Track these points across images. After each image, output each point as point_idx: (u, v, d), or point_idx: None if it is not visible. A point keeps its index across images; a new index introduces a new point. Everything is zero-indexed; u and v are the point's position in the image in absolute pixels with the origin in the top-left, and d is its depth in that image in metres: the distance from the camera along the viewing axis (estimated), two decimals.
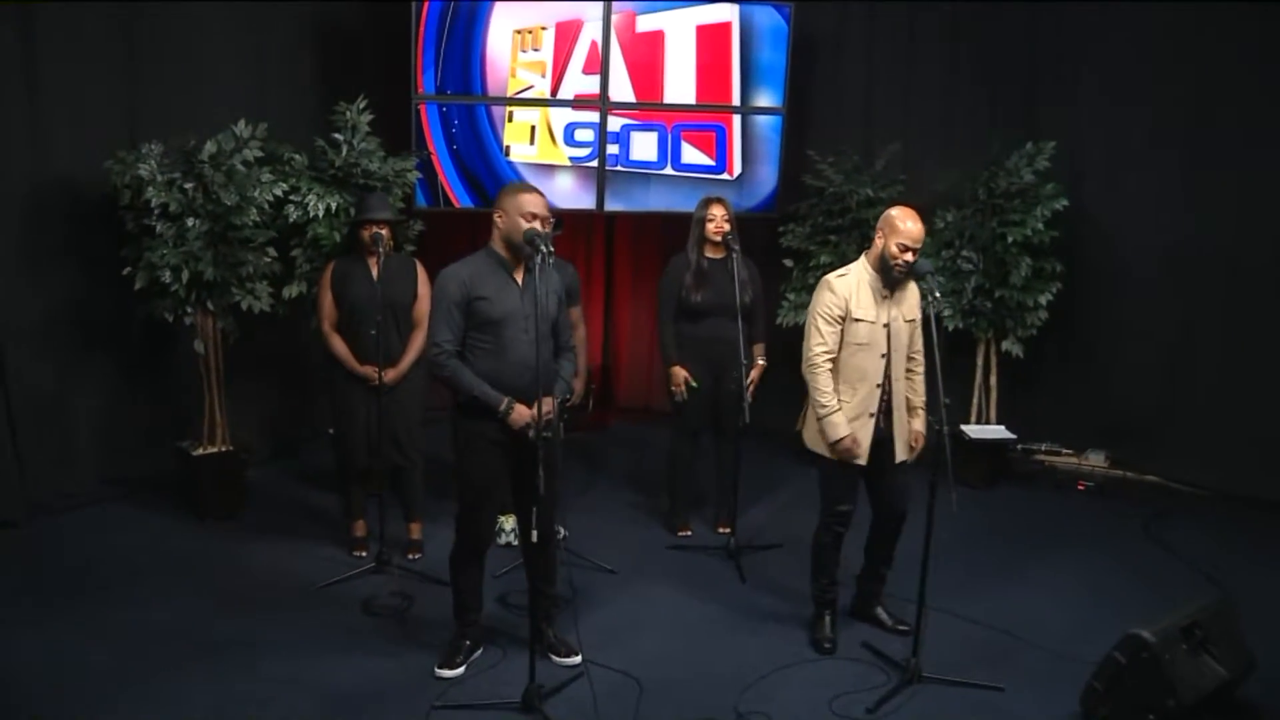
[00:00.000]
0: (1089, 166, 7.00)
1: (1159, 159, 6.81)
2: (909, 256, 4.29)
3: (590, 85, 6.90)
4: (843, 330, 4.40)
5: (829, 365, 4.40)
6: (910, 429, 4.56)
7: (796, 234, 7.07)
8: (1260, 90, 6.43)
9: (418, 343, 5.25)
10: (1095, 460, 7.18)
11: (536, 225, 3.95)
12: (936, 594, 4.52)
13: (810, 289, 6.79)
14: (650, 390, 8.32)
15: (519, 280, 4.05)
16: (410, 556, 5.39)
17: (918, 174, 7.05)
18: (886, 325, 4.39)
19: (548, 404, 3.93)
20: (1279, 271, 6.50)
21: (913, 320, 4.49)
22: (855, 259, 6.66)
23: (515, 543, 5.49)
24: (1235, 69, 6.50)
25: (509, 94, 6.85)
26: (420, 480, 5.46)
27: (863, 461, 4.45)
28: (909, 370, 4.57)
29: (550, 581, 4.41)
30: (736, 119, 7.10)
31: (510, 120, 6.87)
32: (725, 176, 7.12)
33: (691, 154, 7.09)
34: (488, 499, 4.18)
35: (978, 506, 6.23)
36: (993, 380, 6.94)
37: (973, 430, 6.81)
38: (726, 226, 5.53)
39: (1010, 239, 6.58)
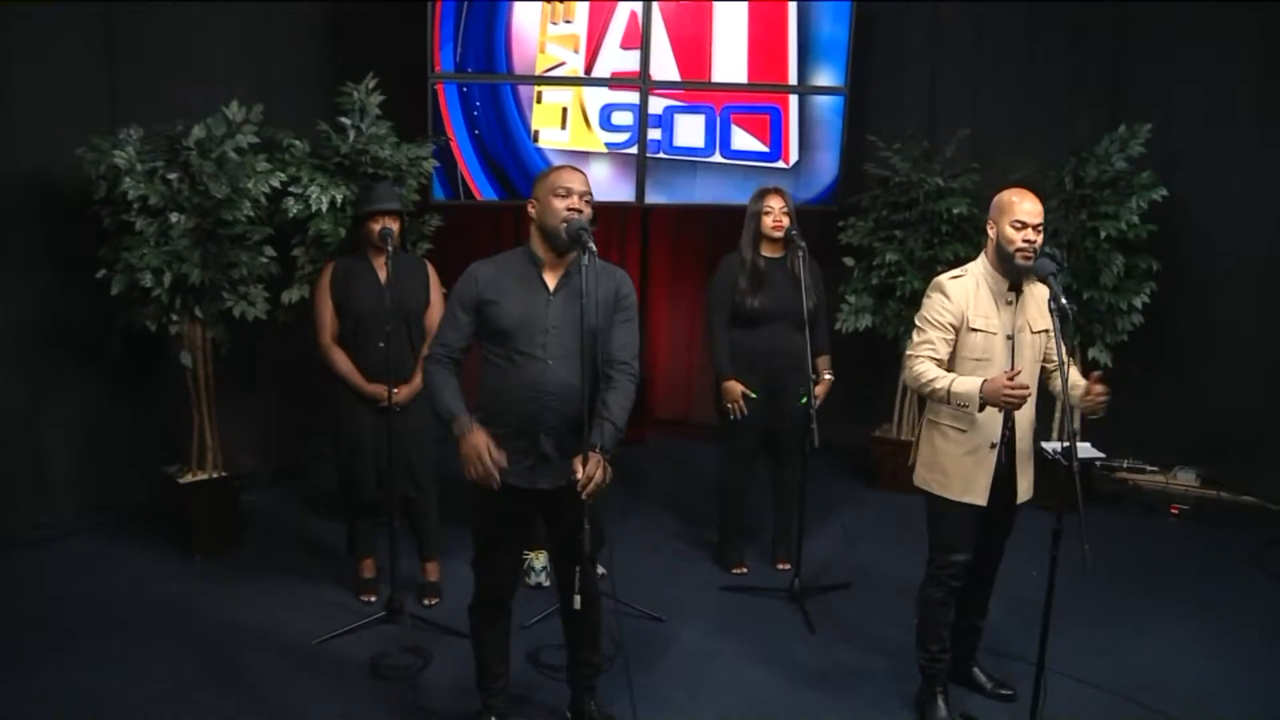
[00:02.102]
0: (1184, 155, 6.37)
1: (1265, 149, 6.25)
2: (1030, 235, 3.64)
3: (629, 62, 6.32)
4: (956, 342, 3.73)
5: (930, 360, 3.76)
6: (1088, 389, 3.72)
7: (858, 229, 6.45)
8: None
9: None
10: (1185, 479, 6.67)
11: (574, 203, 3.26)
12: (1036, 647, 3.89)
13: (873, 290, 6.30)
14: (690, 402, 7.80)
15: (550, 284, 3.34)
16: (426, 602, 4.77)
17: (989, 162, 6.42)
18: (1010, 337, 3.70)
19: (591, 463, 3.18)
20: None
21: (1043, 331, 3.80)
22: (923, 255, 6.25)
23: (547, 583, 4.90)
24: None
25: (537, 72, 6.28)
26: (435, 513, 4.84)
27: (982, 501, 3.78)
28: (1048, 376, 3.89)
29: (594, 648, 3.72)
30: (793, 100, 6.52)
31: (539, 102, 6.29)
32: (780, 165, 6.54)
33: (743, 139, 6.50)
34: (502, 544, 3.54)
35: (1068, 536, 5.57)
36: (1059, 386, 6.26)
37: (1055, 447, 6.13)
38: (786, 220, 4.96)
39: (1103, 234, 5.88)
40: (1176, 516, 6.26)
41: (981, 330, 3.70)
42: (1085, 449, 6.24)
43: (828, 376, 5.05)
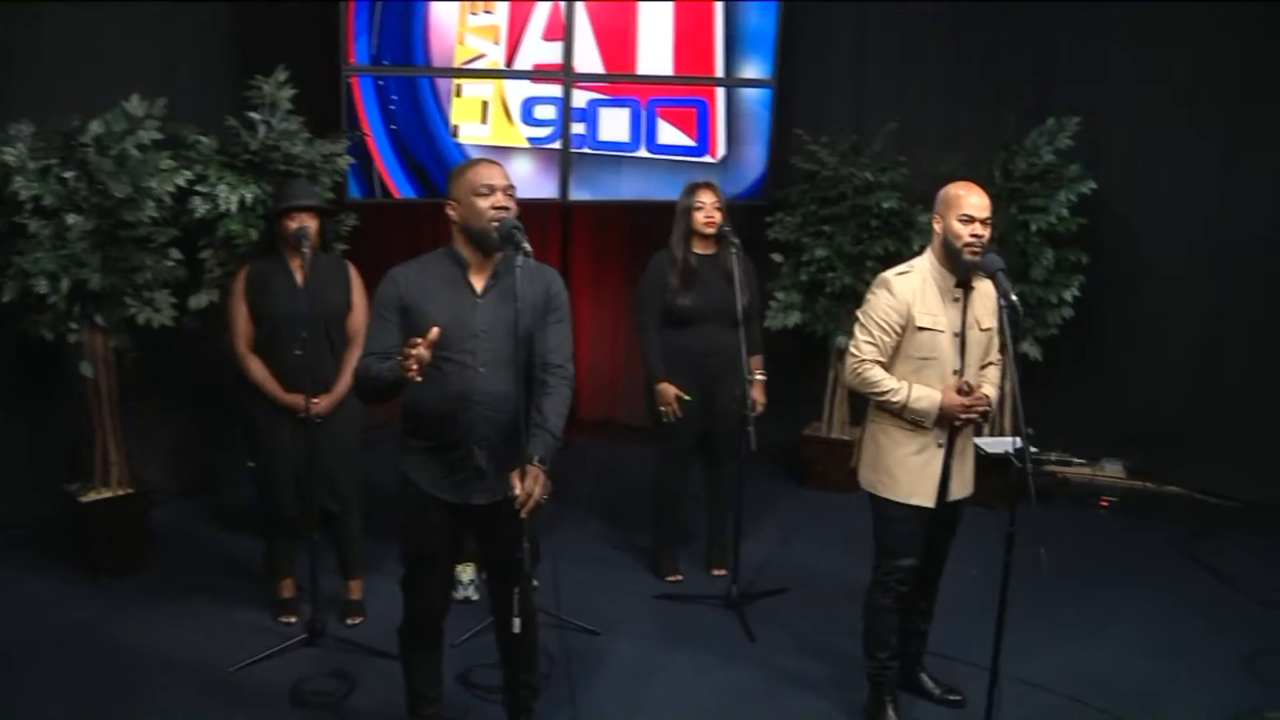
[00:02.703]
0: (1111, 149, 6.36)
1: (1192, 142, 6.28)
2: (977, 230, 3.54)
3: (552, 54, 6.10)
4: (901, 341, 3.63)
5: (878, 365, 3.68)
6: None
7: (786, 224, 6.34)
8: None
9: (353, 362, 4.34)
10: (1112, 471, 6.68)
11: (499, 200, 3.08)
12: (982, 648, 3.86)
13: (802, 287, 6.19)
14: (615, 402, 7.61)
15: (477, 286, 3.15)
16: (350, 622, 4.54)
17: (917, 155, 6.35)
18: (959, 335, 3.61)
19: (529, 478, 3.01)
20: None
21: (990, 329, 3.71)
22: (853, 250, 6.17)
23: (475, 597, 4.70)
24: (1277, 46, 5.98)
25: (456, 64, 6.02)
26: (359, 528, 4.60)
27: (930, 503, 3.69)
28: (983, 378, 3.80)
29: (532, 670, 3.54)
30: (720, 93, 6.36)
31: (458, 95, 6.04)
32: (707, 159, 6.39)
33: (669, 133, 6.34)
34: (433, 563, 3.34)
35: (1000, 530, 5.55)
36: (1008, 386, 6.21)
37: (986, 443, 6.12)
38: (718, 216, 4.82)
39: (1033, 227, 5.87)
40: (1106, 509, 6.28)
41: (929, 329, 3.60)
42: (1015, 442, 6.21)
43: (760, 377, 4.92)
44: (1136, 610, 4.87)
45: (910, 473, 3.67)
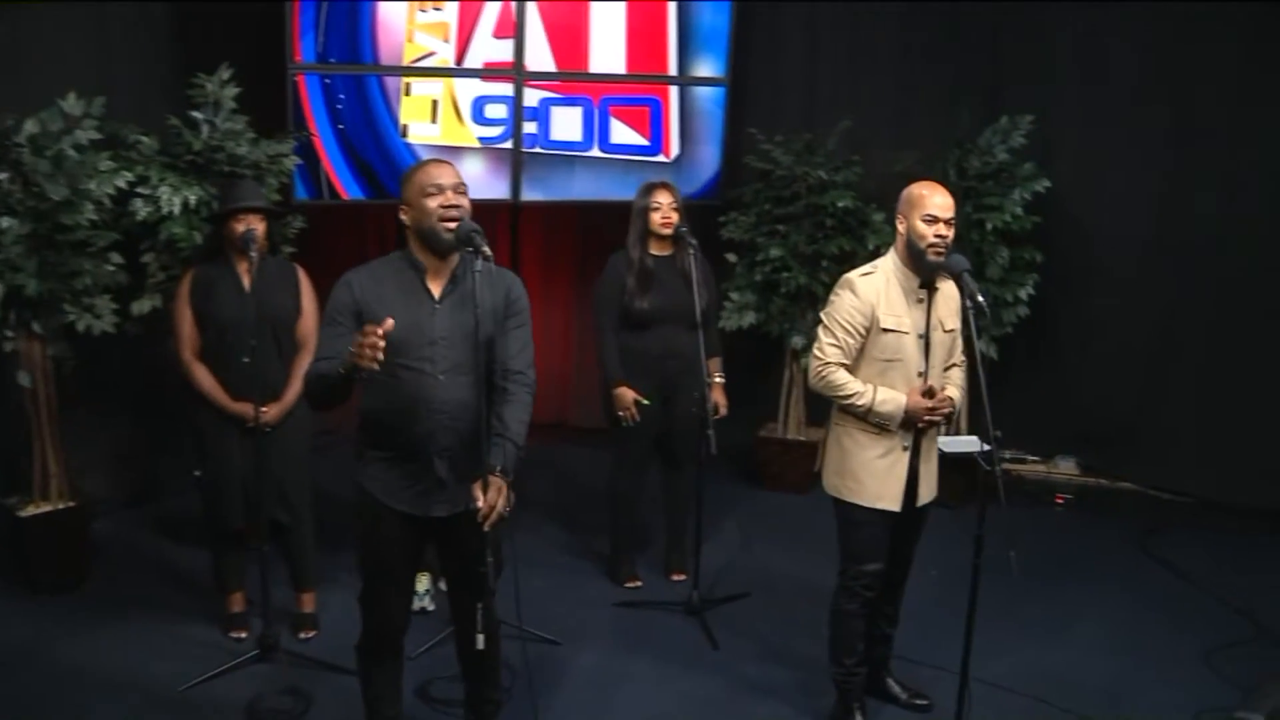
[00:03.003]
0: (1063, 147, 6.37)
1: (1143, 141, 6.30)
2: (941, 230, 3.50)
3: (503, 52, 5.98)
4: (865, 343, 3.59)
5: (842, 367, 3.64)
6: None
7: (740, 224, 6.29)
8: (1253, 71, 5.99)
9: (304, 369, 4.23)
10: (1066, 468, 6.74)
11: (448, 199, 2.98)
12: (946, 651, 3.93)
13: (756, 287, 6.14)
14: (566, 404, 7.50)
15: (434, 291, 3.05)
16: (303, 636, 4.41)
17: (871, 154, 6.33)
18: (924, 336, 3.57)
19: (492, 489, 2.92)
20: (1268, 268, 6.11)
21: (954, 330, 3.69)
22: (808, 250, 6.13)
23: (431, 607, 4.61)
24: (1226, 46, 6.03)
25: (405, 62, 5.88)
26: (311, 539, 4.47)
27: (896, 507, 3.65)
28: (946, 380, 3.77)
29: (495, 685, 3.45)
30: (673, 91, 6.29)
31: (407, 94, 5.90)
32: (661, 158, 6.32)
33: (622, 132, 6.25)
34: (393, 578, 3.24)
35: (961, 530, 5.55)
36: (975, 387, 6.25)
37: (946, 443, 6.11)
38: (675, 216, 4.74)
39: (988, 226, 5.86)
40: (1061, 506, 6.31)
41: (893, 330, 3.57)
42: (973, 441, 6.20)
43: (719, 379, 4.87)
44: (1098, 608, 4.88)
45: (876, 476, 3.64)
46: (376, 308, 2.98)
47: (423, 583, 4.61)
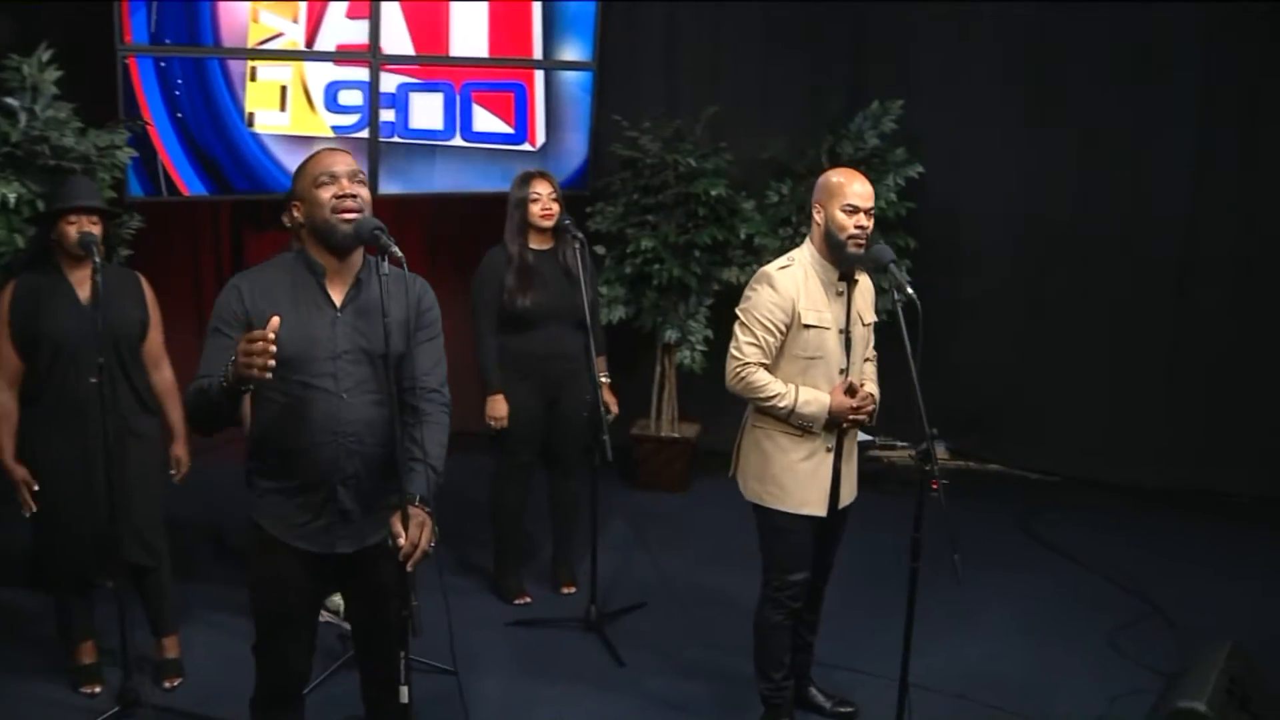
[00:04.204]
0: (931, 133, 6.35)
1: (1008, 127, 6.39)
2: (862, 220, 3.37)
3: (357, 34, 5.57)
4: (785, 341, 3.42)
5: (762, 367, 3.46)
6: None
7: (608, 215, 6.11)
8: (1113, 56, 6.15)
9: (167, 387, 3.89)
10: (936, 452, 6.59)
11: (343, 187, 2.63)
12: (861, 653, 4.08)
13: (627, 280, 5.95)
14: None
15: (335, 298, 2.70)
16: (167, 685, 3.95)
17: (736, 141, 6.24)
18: (844, 331, 3.42)
19: (414, 523, 2.57)
20: (1128, 251, 6.30)
21: (871, 324, 3.62)
22: (679, 240, 5.95)
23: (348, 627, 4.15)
24: (1087, 26, 6.15)
25: (250, 44, 5.42)
26: (169, 579, 4.00)
27: (822, 511, 3.50)
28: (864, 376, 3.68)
29: None
30: (539, 76, 6.01)
31: (253, 79, 5.43)
32: (527, 147, 6.04)
33: (485, 120, 5.94)
34: (292, 625, 2.86)
35: (860, 525, 5.57)
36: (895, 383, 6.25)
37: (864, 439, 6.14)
38: (556, 208, 4.53)
39: None
40: (937, 492, 6.28)
41: (815, 326, 3.42)
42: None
43: (605, 379, 4.66)
44: (997, 597, 4.87)
45: (800, 480, 3.47)
46: (271, 312, 2.60)
47: (334, 600, 4.14)
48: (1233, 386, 6.23)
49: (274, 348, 2.30)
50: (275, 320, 2.38)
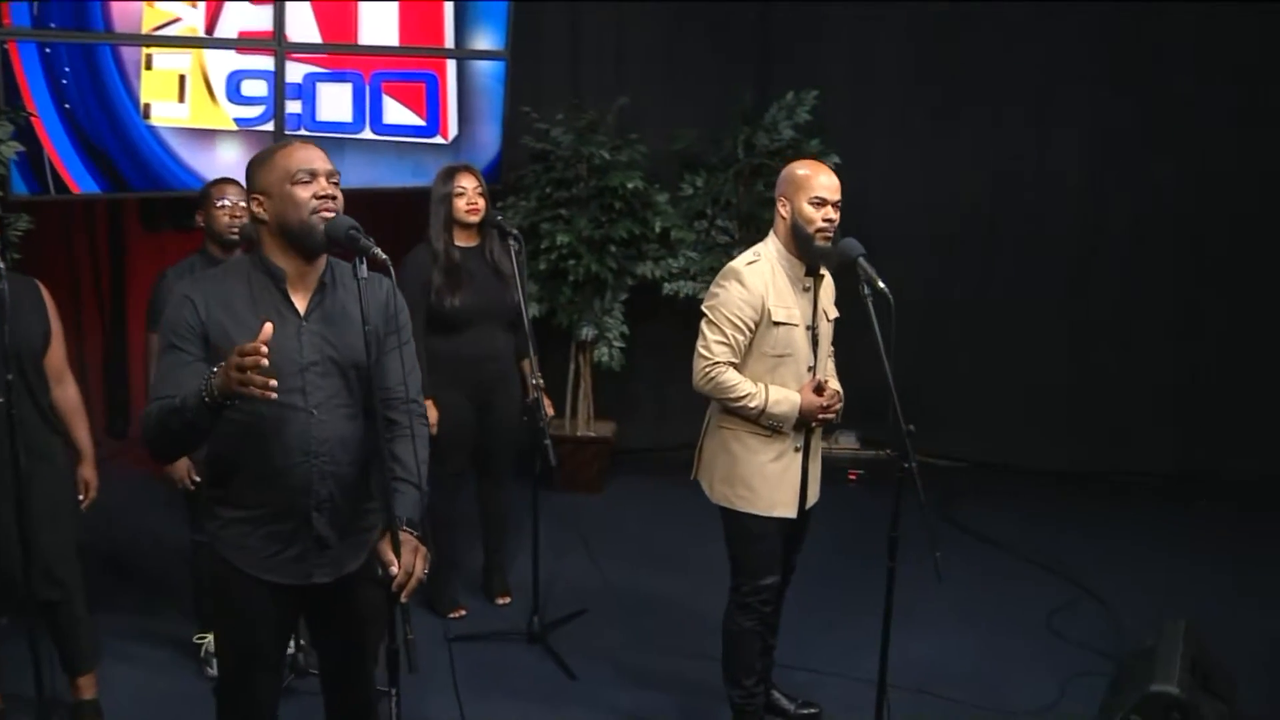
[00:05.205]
0: (833, 120, 6.33)
1: (915, 116, 6.48)
2: (830, 214, 3.34)
3: (261, 20, 5.24)
4: (753, 338, 3.35)
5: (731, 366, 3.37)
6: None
7: (521, 209, 5.95)
8: (1009, 39, 6.30)
9: (72, 405, 3.55)
10: (847, 442, 6.83)
11: (323, 188, 2.43)
12: (817, 652, 4.09)
13: (540, 276, 5.86)
14: None
15: (299, 305, 2.47)
16: None
17: (647, 134, 6.10)
18: (811, 328, 3.34)
19: (406, 549, 2.41)
20: (1032, 238, 6.46)
21: (834, 319, 3.58)
22: (594, 234, 5.81)
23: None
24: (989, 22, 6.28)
25: (145, 30, 5.03)
26: (84, 612, 3.66)
27: (792, 513, 3.45)
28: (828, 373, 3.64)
29: None
30: (451, 66, 5.76)
31: (149, 68, 5.04)
32: (439, 140, 5.78)
33: (396, 112, 5.66)
34: (260, 662, 2.63)
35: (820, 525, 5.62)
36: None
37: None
38: (482, 203, 4.37)
39: None
40: (855, 482, 6.35)
41: (785, 323, 3.36)
42: None
43: (539, 381, 4.48)
44: (937, 589, 4.80)
45: (769, 482, 3.40)
46: (230, 329, 2.37)
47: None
48: (1137, 368, 6.41)
49: (266, 361, 2.08)
50: (268, 328, 2.16)
